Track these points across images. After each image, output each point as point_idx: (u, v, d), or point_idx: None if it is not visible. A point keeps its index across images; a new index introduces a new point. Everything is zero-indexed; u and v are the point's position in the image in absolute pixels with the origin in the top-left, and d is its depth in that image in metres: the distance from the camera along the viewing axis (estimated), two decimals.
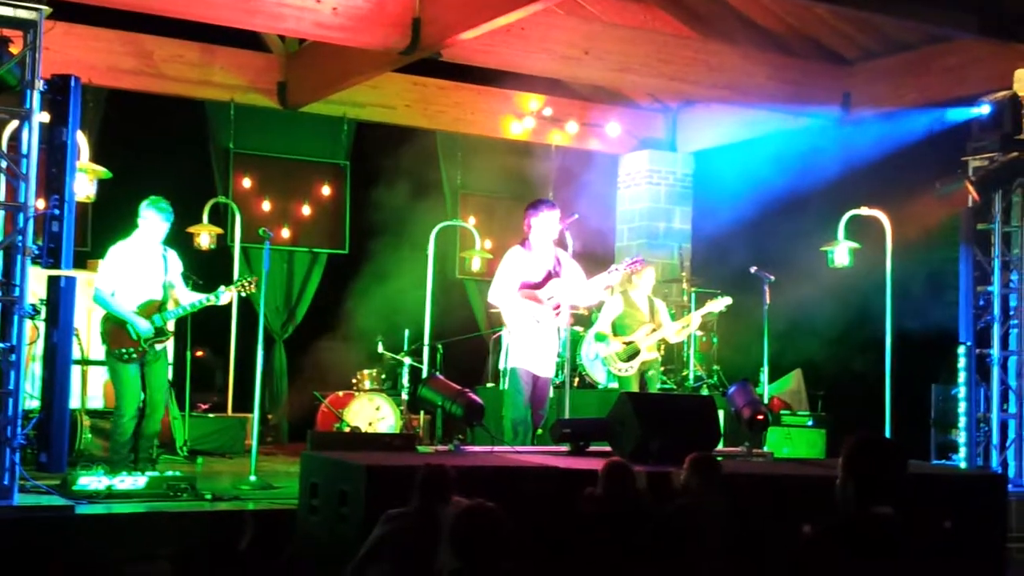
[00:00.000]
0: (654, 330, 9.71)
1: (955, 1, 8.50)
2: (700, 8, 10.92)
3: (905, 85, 10.69)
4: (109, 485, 6.73)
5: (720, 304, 10.08)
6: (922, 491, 6.51)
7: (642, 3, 10.98)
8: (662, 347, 10.14)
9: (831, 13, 10.40)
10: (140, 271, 8.00)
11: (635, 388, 9.55)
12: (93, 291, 8.03)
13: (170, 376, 9.86)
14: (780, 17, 10.83)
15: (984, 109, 8.69)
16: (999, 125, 8.62)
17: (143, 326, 7.88)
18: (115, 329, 7.89)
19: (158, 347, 8.00)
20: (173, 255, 8.22)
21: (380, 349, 10.86)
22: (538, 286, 8.49)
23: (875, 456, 4.07)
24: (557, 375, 9.34)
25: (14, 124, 6.63)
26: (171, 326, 8.15)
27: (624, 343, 9.64)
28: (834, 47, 11.16)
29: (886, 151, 10.34)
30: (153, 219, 8.02)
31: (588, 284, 8.61)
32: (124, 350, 7.85)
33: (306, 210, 12.04)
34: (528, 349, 8.40)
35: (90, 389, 9.36)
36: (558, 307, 8.47)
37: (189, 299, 8.15)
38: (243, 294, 8.45)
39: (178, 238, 10.03)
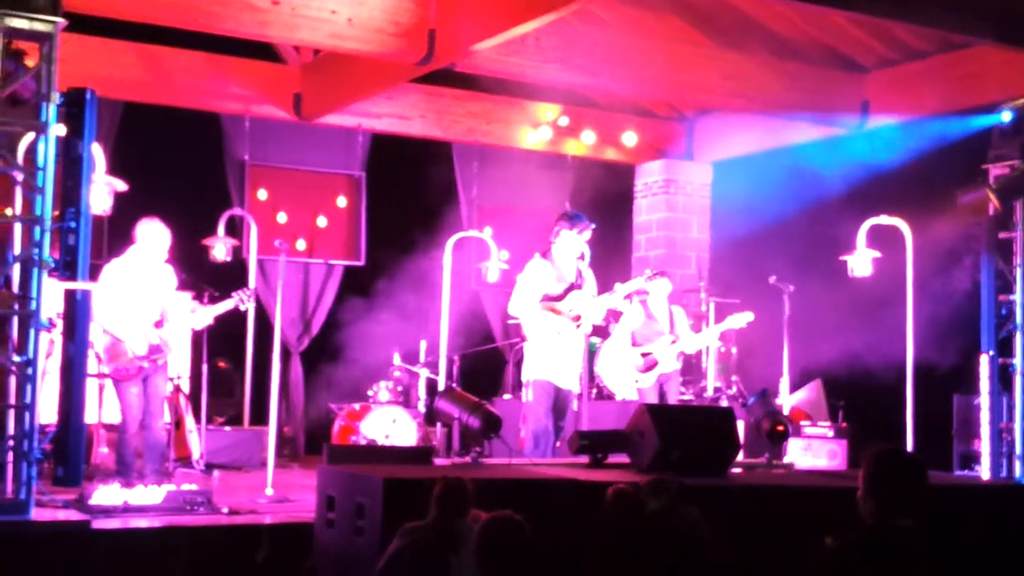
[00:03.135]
0: (673, 341, 9.67)
1: (973, 7, 8.44)
2: (716, 17, 10.88)
3: (923, 93, 10.62)
4: (125, 499, 6.70)
5: (741, 319, 10.03)
6: (945, 502, 6.44)
7: (657, 12, 10.94)
8: (680, 358, 10.09)
9: (847, 20, 10.35)
10: (134, 290, 8.08)
11: (653, 399, 9.50)
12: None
13: (187, 389, 9.91)
14: (796, 25, 10.78)
15: (1005, 116, 8.63)
16: (1020, 132, 8.56)
17: (137, 345, 7.95)
18: (111, 347, 7.99)
19: (158, 361, 8.08)
20: (168, 272, 8.28)
21: (396, 361, 10.82)
22: (559, 298, 8.46)
23: (895, 469, 4.03)
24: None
25: (30, 137, 6.61)
26: (169, 343, 8.18)
27: (642, 354, 9.61)
28: (851, 55, 11.11)
29: (906, 160, 10.28)
30: (143, 239, 8.12)
31: (595, 302, 8.58)
32: (121, 367, 7.98)
33: (322, 221, 12.02)
34: (550, 361, 8.38)
35: (106, 403, 9.34)
36: (578, 318, 8.44)
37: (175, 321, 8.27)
38: (242, 308, 8.54)
39: (194, 250, 10.05)
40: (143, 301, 8.10)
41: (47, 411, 6.90)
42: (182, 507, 6.83)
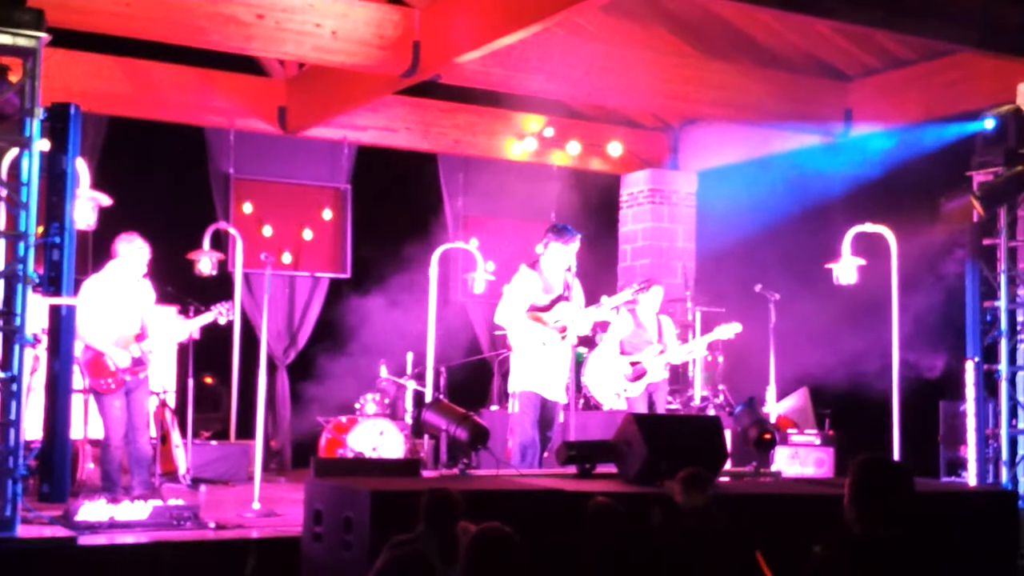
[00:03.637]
0: (662, 351, 9.64)
1: (956, 15, 8.47)
2: (700, 27, 10.91)
3: (907, 101, 10.67)
4: (111, 515, 6.67)
5: (729, 330, 10.03)
6: (932, 509, 6.44)
7: (642, 22, 10.97)
8: (667, 367, 10.07)
9: (831, 29, 10.39)
10: (114, 305, 8.10)
11: (642, 408, 9.49)
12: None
13: (173, 403, 9.87)
14: (780, 34, 10.82)
15: (988, 123, 8.64)
16: (1003, 139, 8.57)
17: (120, 357, 7.96)
18: (93, 360, 7.99)
19: (140, 375, 8.07)
20: (147, 287, 8.30)
21: (383, 373, 10.80)
22: (545, 308, 8.46)
23: (881, 478, 4.04)
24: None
25: (14, 152, 6.59)
26: (151, 356, 8.20)
27: (631, 363, 9.59)
28: (834, 64, 11.15)
29: (890, 167, 10.31)
30: (122, 254, 8.15)
31: (582, 314, 8.57)
32: (103, 381, 7.99)
33: (307, 234, 12.00)
34: (535, 372, 8.36)
35: (92, 418, 9.30)
36: (564, 330, 8.43)
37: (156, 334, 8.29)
38: (222, 320, 8.55)
39: (179, 264, 10.01)
40: (123, 315, 8.13)
41: (32, 427, 6.87)
42: (169, 522, 6.80)
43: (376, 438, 10.15)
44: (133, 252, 8.15)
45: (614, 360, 9.71)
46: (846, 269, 9.63)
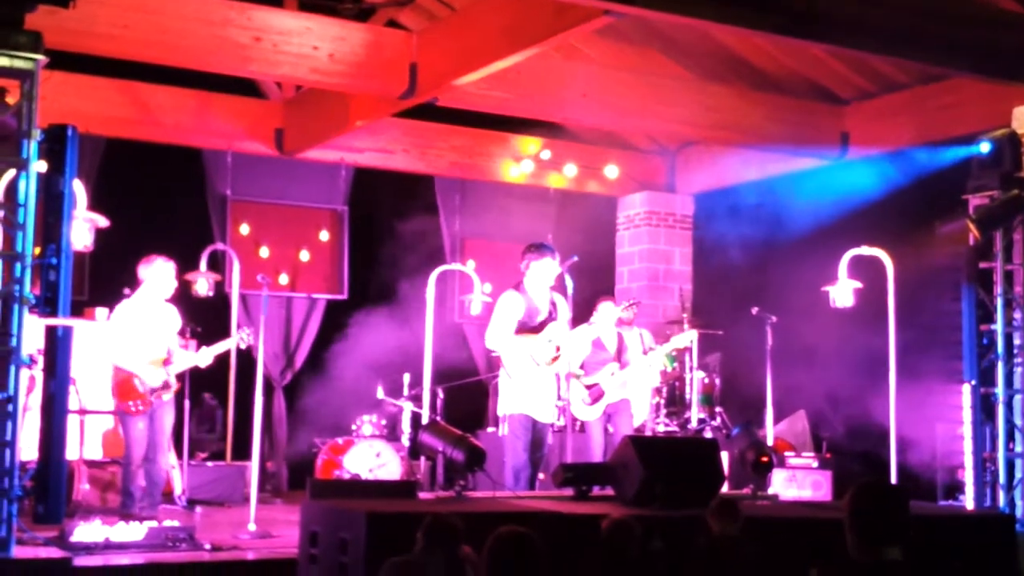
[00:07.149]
0: (622, 367, 9.47)
1: (951, 39, 8.51)
2: (696, 51, 10.95)
3: (902, 124, 10.70)
4: (107, 536, 6.65)
5: (685, 339, 9.96)
6: (931, 533, 6.43)
7: (638, 46, 11.01)
8: (663, 390, 9.97)
9: (827, 53, 10.43)
10: (144, 329, 8.33)
11: (599, 434, 9.29)
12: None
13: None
14: (776, 58, 10.86)
15: (984, 147, 8.67)
16: (999, 163, 8.59)
17: (151, 378, 8.20)
18: (123, 382, 8.18)
19: (164, 397, 8.27)
20: (173, 311, 8.51)
21: (380, 395, 10.78)
22: (536, 330, 8.44)
23: (880, 501, 4.04)
24: (559, 419, 9.22)
25: (11, 173, 6.60)
26: (175, 379, 8.43)
27: (588, 386, 9.40)
28: (830, 87, 11.19)
29: (886, 191, 10.33)
30: (150, 278, 8.35)
31: (573, 334, 8.53)
32: (132, 403, 8.17)
33: (304, 256, 12.01)
34: (525, 394, 8.33)
35: (88, 439, 9.28)
36: (559, 349, 8.41)
37: (181, 359, 8.50)
38: (242, 346, 8.61)
39: (176, 286, 10.01)
40: (153, 339, 8.36)
41: (28, 448, 6.87)
42: (164, 544, 6.78)
43: (372, 460, 10.13)
44: (156, 272, 8.31)
45: (573, 384, 9.25)
46: (843, 292, 9.62)
